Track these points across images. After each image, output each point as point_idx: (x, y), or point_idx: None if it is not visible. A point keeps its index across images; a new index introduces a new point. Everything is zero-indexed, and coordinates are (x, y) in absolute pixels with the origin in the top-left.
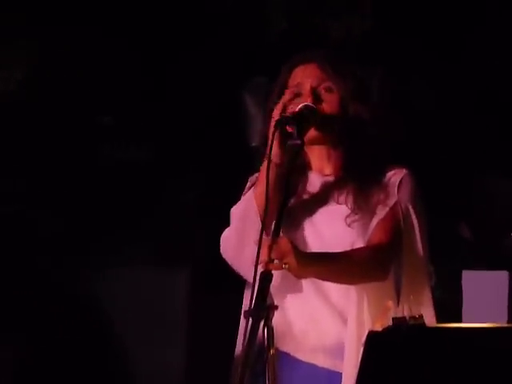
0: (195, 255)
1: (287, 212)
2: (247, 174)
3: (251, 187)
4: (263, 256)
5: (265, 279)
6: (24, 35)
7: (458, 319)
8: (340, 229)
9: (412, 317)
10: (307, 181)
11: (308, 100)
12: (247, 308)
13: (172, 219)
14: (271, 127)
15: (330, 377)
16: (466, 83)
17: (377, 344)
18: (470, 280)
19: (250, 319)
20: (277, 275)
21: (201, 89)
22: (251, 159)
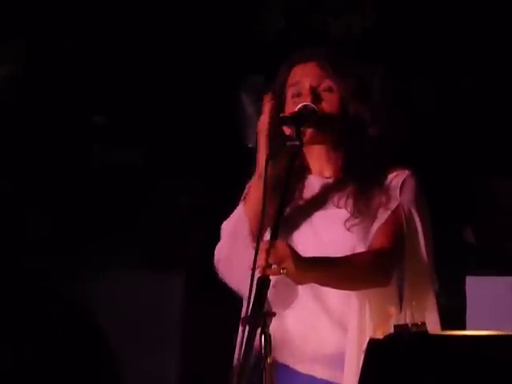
0: (190, 259)
1: (285, 216)
2: (244, 176)
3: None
4: (260, 261)
5: (262, 285)
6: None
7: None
8: (339, 233)
9: (414, 324)
10: (306, 184)
11: (307, 99)
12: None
13: (166, 222)
14: (259, 138)
15: None
16: (469, 82)
17: (377, 352)
18: (474, 286)
19: (247, 326)
20: (274, 280)
21: (196, 88)
22: (248, 160)
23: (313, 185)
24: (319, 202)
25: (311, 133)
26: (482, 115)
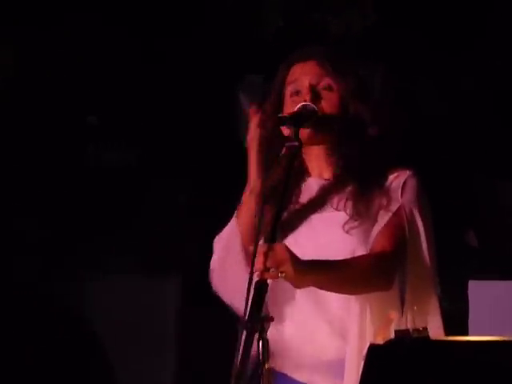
0: (186, 261)
1: (283, 219)
2: (241, 177)
3: None
4: (258, 264)
5: (260, 289)
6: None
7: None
8: (337, 236)
9: (415, 329)
10: (305, 186)
11: (306, 97)
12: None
13: (162, 223)
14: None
15: None
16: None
17: (378, 358)
18: (477, 290)
19: (244, 331)
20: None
21: (194, 88)
22: (245, 161)
23: (311, 187)
24: (318, 205)
25: (310, 133)
26: (484, 115)
